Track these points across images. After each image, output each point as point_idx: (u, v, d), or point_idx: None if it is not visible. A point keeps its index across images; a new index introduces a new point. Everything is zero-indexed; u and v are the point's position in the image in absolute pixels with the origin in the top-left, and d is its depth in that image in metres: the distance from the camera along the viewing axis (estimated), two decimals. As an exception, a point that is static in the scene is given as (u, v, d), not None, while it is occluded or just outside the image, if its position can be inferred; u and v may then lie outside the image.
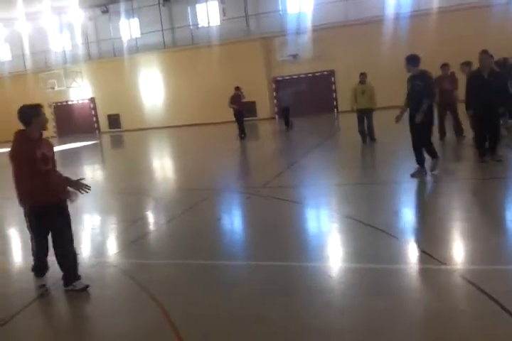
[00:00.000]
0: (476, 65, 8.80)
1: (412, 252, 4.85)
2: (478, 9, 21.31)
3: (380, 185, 7.99)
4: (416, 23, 22.06)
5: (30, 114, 4.17)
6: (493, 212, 6.06)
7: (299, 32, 24.45)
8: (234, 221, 6.96)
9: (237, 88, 17.24)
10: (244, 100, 17.46)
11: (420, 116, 7.42)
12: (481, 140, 8.48)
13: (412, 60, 7.63)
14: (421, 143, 7.70)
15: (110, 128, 30.12)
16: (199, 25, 27.27)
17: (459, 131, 11.49)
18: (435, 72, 9.93)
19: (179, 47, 27.33)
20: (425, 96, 7.44)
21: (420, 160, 7.82)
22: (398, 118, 7.92)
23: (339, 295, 3.98)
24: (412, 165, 7.93)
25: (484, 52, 8.17)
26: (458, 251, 4.87)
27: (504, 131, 10.55)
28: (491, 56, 8.58)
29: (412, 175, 7.76)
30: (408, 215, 6.31)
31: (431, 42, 21.00)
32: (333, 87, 25.17)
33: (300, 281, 4.23)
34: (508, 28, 20.56)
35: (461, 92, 9.81)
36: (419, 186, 7.72)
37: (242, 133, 16.75)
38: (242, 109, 17.08)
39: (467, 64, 10.36)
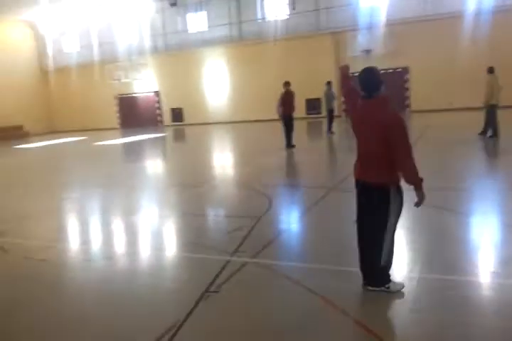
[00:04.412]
0: None
1: None
2: None
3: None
4: (498, 20, 20.84)
5: (381, 78, 3.84)
6: None
7: (372, 26, 23.59)
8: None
9: (288, 84, 13.58)
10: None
11: None
12: None
13: None
14: None
15: (173, 121, 30.18)
16: (266, 19, 26.81)
17: None
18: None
19: (246, 40, 26.99)
20: None
21: None
22: None
23: None
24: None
25: None
26: None
27: None
28: None
29: None
30: None
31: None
32: (406, 84, 24.23)
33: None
34: None
35: None
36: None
37: (290, 144, 13.46)
38: (291, 112, 13.49)
39: None
